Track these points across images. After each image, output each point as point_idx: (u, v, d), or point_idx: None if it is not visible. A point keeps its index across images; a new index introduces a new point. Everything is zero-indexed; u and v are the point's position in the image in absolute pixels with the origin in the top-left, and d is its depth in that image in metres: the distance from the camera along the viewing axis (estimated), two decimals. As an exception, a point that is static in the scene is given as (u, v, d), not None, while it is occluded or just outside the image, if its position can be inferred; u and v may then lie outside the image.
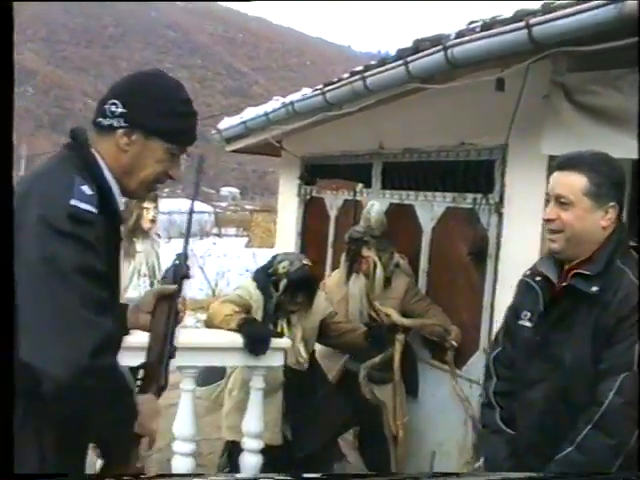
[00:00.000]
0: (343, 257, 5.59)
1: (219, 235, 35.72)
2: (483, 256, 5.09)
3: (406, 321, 5.21)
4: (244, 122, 7.62)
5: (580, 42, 3.82)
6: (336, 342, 5.17)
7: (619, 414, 2.46)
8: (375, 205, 5.57)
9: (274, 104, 6.97)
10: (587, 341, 2.54)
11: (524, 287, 2.85)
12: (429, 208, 5.71)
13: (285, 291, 4.82)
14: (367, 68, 5.27)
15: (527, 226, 4.69)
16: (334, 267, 6.29)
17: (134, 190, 2.22)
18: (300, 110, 6.31)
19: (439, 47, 4.31)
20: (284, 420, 4.85)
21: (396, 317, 5.16)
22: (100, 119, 2.14)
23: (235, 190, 73.88)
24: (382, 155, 6.46)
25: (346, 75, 5.59)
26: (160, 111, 2.14)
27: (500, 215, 4.95)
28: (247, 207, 44.86)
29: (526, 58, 4.16)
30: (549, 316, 2.68)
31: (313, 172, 7.91)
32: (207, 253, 17.90)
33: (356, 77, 5.26)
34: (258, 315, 4.85)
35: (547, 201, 2.76)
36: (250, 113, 7.67)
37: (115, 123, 2.11)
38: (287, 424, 4.88)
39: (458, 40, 4.21)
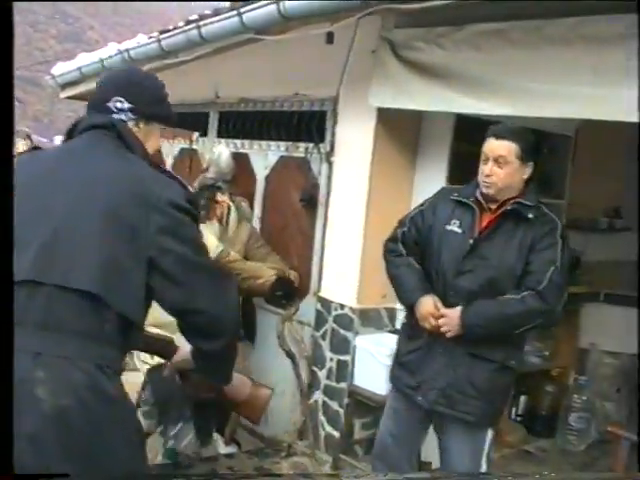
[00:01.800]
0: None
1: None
2: (314, 203, 5.27)
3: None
4: (79, 68, 7.43)
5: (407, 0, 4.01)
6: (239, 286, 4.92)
7: (551, 291, 3.32)
8: (224, 151, 5.59)
9: (110, 50, 6.85)
10: (514, 248, 3.39)
11: (453, 202, 3.58)
12: (263, 157, 5.83)
13: None
14: (202, 17, 5.29)
15: (355, 174, 4.90)
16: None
17: None
18: (136, 57, 6.24)
19: (271, 0, 4.41)
20: None
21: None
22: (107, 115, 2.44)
23: (69, 139, 71.38)
24: (218, 104, 6.52)
25: (182, 24, 5.59)
26: (157, 100, 2.53)
27: (330, 164, 5.13)
28: (81, 156, 43.34)
29: (355, 13, 4.32)
30: (486, 229, 3.46)
31: (149, 120, 7.85)
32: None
33: (191, 26, 5.27)
34: None
35: (484, 160, 3.41)
36: (85, 59, 7.48)
37: (124, 117, 2.43)
38: None
39: (290, -7, 4.31)
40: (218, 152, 5.58)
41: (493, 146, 3.38)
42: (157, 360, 4.46)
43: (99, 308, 2.11)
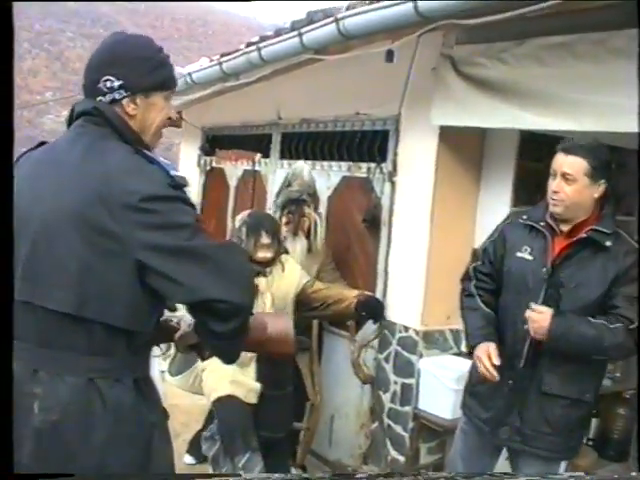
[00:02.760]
0: (283, 221, 5.26)
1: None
2: (377, 223, 5.20)
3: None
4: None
5: (468, 15, 3.94)
6: (323, 314, 4.85)
7: None
8: (305, 165, 5.56)
9: (173, 74, 6.92)
10: (594, 279, 3.25)
11: (523, 227, 3.48)
12: (326, 177, 5.79)
13: (248, 237, 4.54)
14: (262, 39, 5.32)
15: (419, 194, 4.83)
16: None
17: (151, 143, 2.38)
18: (198, 81, 6.31)
19: (331, 19, 4.38)
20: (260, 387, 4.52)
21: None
22: (100, 97, 2.26)
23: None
24: (280, 125, 6.52)
25: (242, 46, 5.62)
26: (150, 68, 2.30)
27: (393, 184, 5.07)
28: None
29: (415, 31, 4.27)
30: (560, 256, 3.33)
31: (213, 143, 7.94)
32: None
33: (252, 48, 5.30)
34: None
35: (552, 176, 3.31)
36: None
37: (117, 96, 2.25)
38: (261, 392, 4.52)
39: (349, 12, 4.28)
40: (300, 167, 5.52)
41: (561, 161, 3.27)
42: (224, 391, 4.47)
43: (83, 323, 2.08)
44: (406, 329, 4.87)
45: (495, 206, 4.81)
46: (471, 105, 4.28)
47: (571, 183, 3.24)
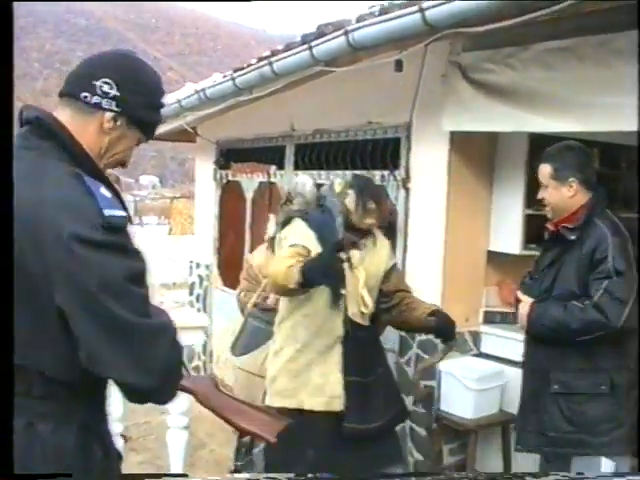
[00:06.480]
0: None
1: (140, 224, 34.84)
2: (393, 229, 5.27)
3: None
4: (158, 110, 7.61)
5: (474, 23, 4.02)
6: (395, 314, 4.22)
7: (608, 304, 3.29)
8: (308, 180, 5.58)
9: (187, 91, 7.02)
10: (570, 274, 3.46)
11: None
12: (341, 186, 5.85)
13: (357, 205, 3.97)
14: (274, 53, 5.41)
15: (432, 199, 4.92)
16: (252, 248, 6.41)
17: (102, 167, 2.12)
18: (212, 96, 6.40)
19: (341, 31, 4.46)
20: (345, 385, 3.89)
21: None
22: (86, 94, 2.02)
23: (154, 178, 72.45)
24: (294, 137, 6.62)
25: (254, 60, 5.72)
26: (147, 103, 2.11)
27: (407, 190, 5.16)
28: (167, 195, 43.97)
29: (423, 40, 4.36)
30: (547, 251, 3.68)
31: (228, 156, 8.01)
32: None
33: (263, 62, 5.38)
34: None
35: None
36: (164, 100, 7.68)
37: (105, 104, 2.02)
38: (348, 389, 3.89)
39: (358, 24, 4.36)
40: (302, 182, 5.51)
41: (538, 171, 3.63)
42: (295, 402, 3.91)
43: (24, 368, 1.89)
44: (426, 332, 4.92)
45: (508, 208, 4.89)
46: (481, 110, 4.36)
47: (545, 188, 3.57)
